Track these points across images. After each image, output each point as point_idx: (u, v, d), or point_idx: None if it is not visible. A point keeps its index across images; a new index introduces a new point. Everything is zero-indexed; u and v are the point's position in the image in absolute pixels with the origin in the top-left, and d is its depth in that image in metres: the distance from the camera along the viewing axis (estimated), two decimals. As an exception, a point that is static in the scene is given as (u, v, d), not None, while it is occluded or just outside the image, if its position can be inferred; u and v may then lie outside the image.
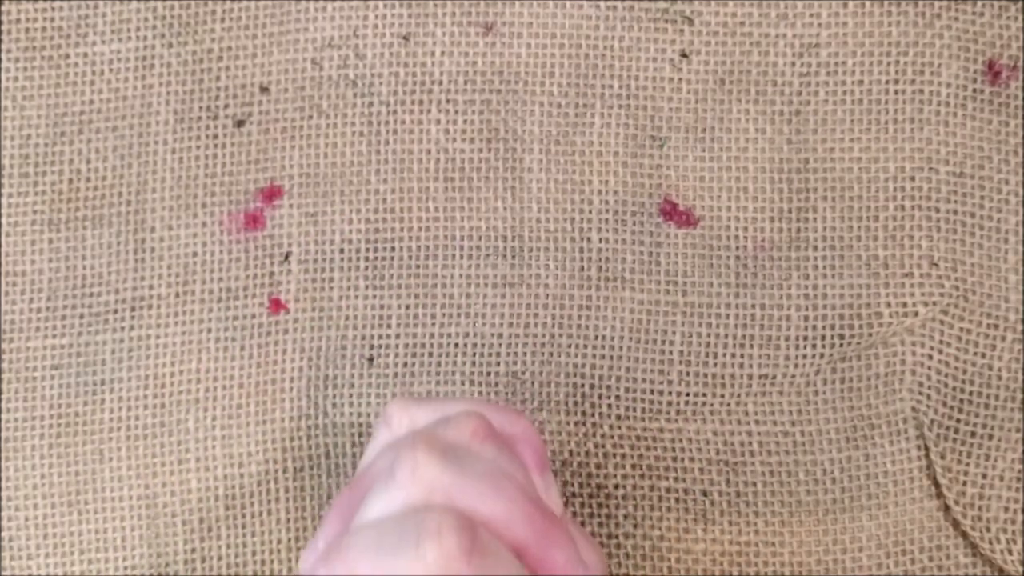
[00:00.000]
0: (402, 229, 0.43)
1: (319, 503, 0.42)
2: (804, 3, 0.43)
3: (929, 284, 0.42)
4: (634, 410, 0.42)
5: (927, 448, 0.42)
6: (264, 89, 0.43)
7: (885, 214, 0.43)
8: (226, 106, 0.43)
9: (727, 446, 0.42)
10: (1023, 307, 0.42)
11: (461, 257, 0.43)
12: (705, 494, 0.42)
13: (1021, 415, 0.42)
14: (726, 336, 0.42)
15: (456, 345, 0.43)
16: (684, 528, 0.42)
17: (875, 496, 0.42)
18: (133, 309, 0.43)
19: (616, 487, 0.42)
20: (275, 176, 0.43)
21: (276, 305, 0.43)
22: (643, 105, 0.43)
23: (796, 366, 0.42)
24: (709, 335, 0.42)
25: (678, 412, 0.42)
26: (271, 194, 0.43)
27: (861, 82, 0.43)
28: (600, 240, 0.43)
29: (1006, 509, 0.42)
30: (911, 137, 0.43)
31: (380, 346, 0.43)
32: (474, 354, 0.43)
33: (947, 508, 0.42)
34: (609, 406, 0.42)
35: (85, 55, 0.44)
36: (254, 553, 0.42)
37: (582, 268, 0.43)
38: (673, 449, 0.42)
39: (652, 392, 0.42)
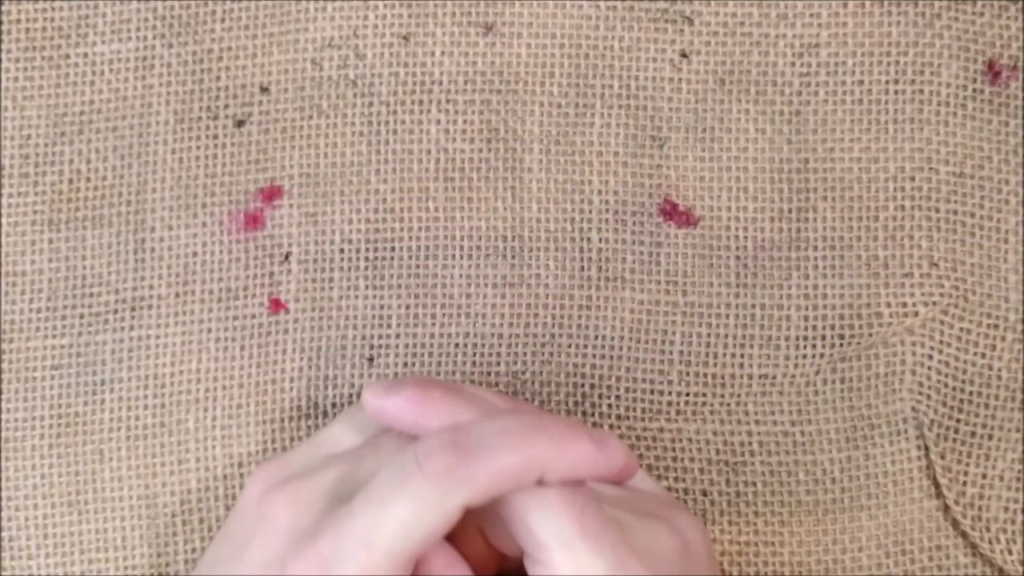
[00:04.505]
0: (402, 229, 0.43)
1: (319, 503, 0.42)
2: (804, 3, 0.43)
3: (929, 284, 0.42)
4: (634, 410, 0.42)
5: (927, 448, 0.42)
6: (264, 89, 0.43)
7: (885, 214, 0.43)
8: (226, 106, 0.43)
9: (727, 446, 0.42)
10: (1023, 307, 0.42)
11: (461, 257, 0.43)
12: (705, 494, 0.42)
13: (1021, 415, 0.42)
14: (726, 336, 0.42)
15: (456, 345, 0.43)
16: (684, 528, 0.42)
17: (875, 496, 0.42)
18: (133, 309, 0.43)
19: (616, 487, 0.42)
20: (275, 176, 0.43)
21: (276, 305, 0.43)
22: (643, 105, 0.43)
23: (796, 366, 0.42)
24: (709, 335, 0.42)
25: (678, 412, 0.42)
26: (271, 194, 0.43)
27: (861, 82, 0.43)
28: (600, 240, 0.43)
29: (1006, 509, 0.42)
30: (911, 137, 0.43)
31: (380, 346, 0.43)
32: (474, 354, 0.43)
33: (947, 508, 0.42)
34: (609, 406, 0.42)
35: (85, 55, 0.44)
36: (254, 553, 0.42)
37: (582, 268, 0.43)
38: (673, 449, 0.42)
39: (652, 392, 0.42)
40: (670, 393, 0.42)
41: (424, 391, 0.36)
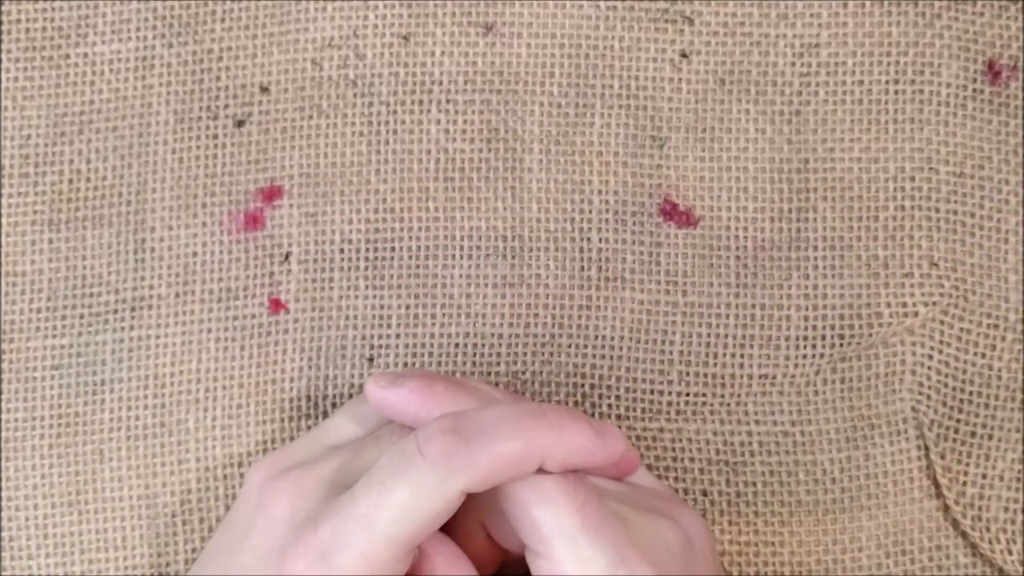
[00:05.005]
0: (402, 229, 0.43)
1: (319, 503, 0.42)
2: (804, 3, 0.43)
3: (929, 284, 0.42)
4: (634, 410, 0.42)
5: (927, 448, 0.42)
6: (264, 89, 0.43)
7: (885, 214, 0.43)
8: (226, 106, 0.43)
9: (727, 446, 0.42)
10: (1023, 307, 0.42)
11: (461, 257, 0.43)
12: (705, 494, 0.42)
13: (1021, 415, 0.42)
14: (726, 336, 0.42)
15: (456, 345, 0.43)
16: (684, 528, 0.42)
17: (875, 496, 0.42)
18: (133, 309, 0.43)
19: (616, 487, 0.42)
20: (275, 176, 0.43)
21: (276, 305, 0.43)
22: (643, 105, 0.43)
23: (796, 366, 0.42)
24: (709, 335, 0.42)
25: (678, 412, 0.42)
26: (271, 194, 0.43)
27: (861, 82, 0.43)
28: (600, 240, 0.43)
29: (1006, 509, 0.42)
30: (911, 137, 0.43)
31: (380, 346, 0.43)
32: (474, 354, 0.43)
33: (947, 508, 0.42)
34: (609, 406, 0.42)
35: (85, 55, 0.44)
36: (254, 553, 0.42)
37: (582, 268, 0.43)
38: (673, 449, 0.42)
39: (652, 392, 0.42)
40: (670, 393, 0.42)
41: (428, 384, 0.36)
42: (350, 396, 0.42)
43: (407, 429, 0.36)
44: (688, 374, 0.42)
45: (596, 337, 0.43)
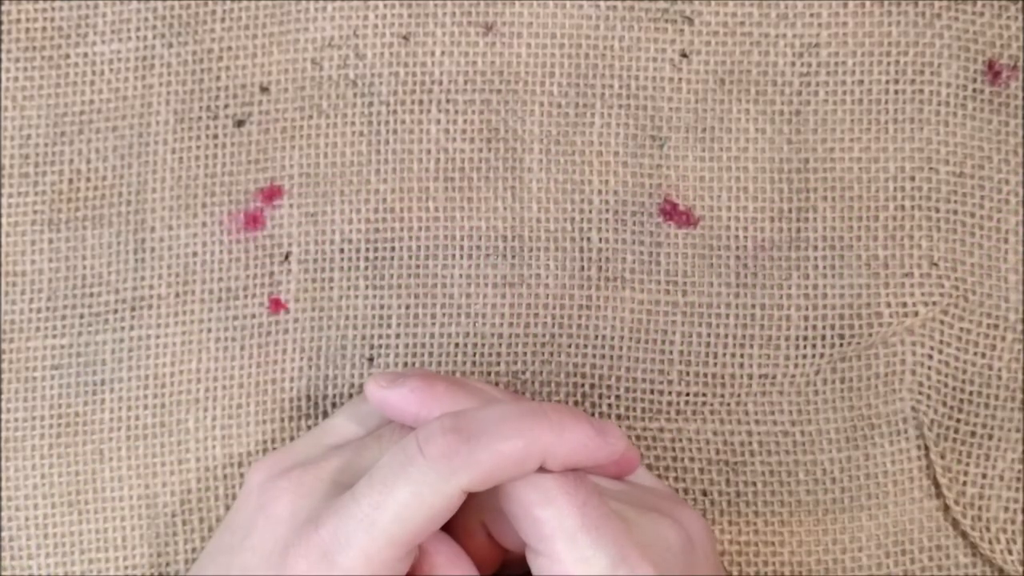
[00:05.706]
0: (402, 229, 0.43)
1: (319, 503, 0.42)
2: (804, 3, 0.43)
3: (929, 284, 0.42)
4: (634, 410, 0.42)
5: (927, 448, 0.42)
6: (264, 89, 0.43)
7: (885, 214, 0.43)
8: (226, 106, 0.43)
9: (727, 446, 0.42)
10: (1023, 307, 0.42)
11: (461, 257, 0.43)
12: (705, 494, 0.42)
13: (1021, 415, 0.42)
14: (726, 336, 0.42)
15: (456, 345, 0.43)
16: (684, 528, 0.42)
17: (875, 496, 0.42)
18: (133, 309, 0.43)
19: (616, 487, 0.42)
20: (275, 176, 0.43)
21: (276, 305, 0.43)
22: (643, 105, 0.43)
23: (796, 366, 0.42)
24: (709, 335, 0.42)
25: (678, 412, 0.42)
26: (271, 194, 0.43)
27: (861, 82, 0.43)
28: (600, 240, 0.43)
29: (1006, 509, 0.42)
30: (911, 137, 0.43)
31: (380, 346, 0.43)
32: (474, 354, 0.43)
33: (947, 508, 0.42)
34: (609, 406, 0.42)
35: (85, 55, 0.44)
36: (254, 553, 0.42)
37: (582, 268, 0.43)
38: (673, 449, 0.42)
39: (652, 392, 0.42)
40: (670, 393, 0.42)
41: (428, 383, 0.36)
42: (350, 396, 0.42)
43: (408, 429, 0.36)
44: (688, 374, 0.42)
45: (596, 337, 0.43)
